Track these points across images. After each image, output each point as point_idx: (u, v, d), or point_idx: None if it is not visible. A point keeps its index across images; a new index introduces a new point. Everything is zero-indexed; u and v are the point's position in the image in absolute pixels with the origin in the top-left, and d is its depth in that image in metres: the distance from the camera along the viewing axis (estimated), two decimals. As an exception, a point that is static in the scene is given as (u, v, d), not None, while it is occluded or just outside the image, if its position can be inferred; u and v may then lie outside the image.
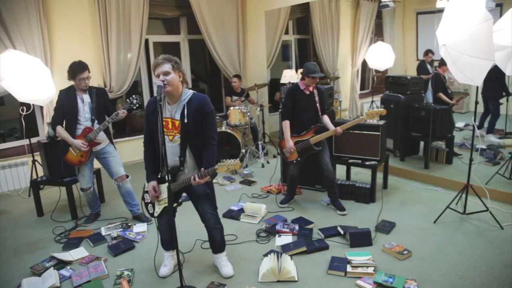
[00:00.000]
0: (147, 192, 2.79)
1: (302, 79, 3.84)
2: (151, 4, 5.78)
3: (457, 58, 3.22)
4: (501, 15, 3.95)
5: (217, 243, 2.94)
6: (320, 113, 3.91)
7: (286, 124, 3.89)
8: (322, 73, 3.81)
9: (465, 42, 3.10)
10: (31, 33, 4.82)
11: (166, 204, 2.68)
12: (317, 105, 3.88)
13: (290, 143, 3.85)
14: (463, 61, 3.17)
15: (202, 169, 2.52)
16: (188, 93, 2.62)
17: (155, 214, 2.78)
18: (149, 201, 2.79)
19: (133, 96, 3.67)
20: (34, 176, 4.58)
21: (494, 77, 4.14)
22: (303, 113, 3.87)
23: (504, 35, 3.61)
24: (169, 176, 2.48)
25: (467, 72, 3.22)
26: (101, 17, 5.32)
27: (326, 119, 3.94)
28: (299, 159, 3.93)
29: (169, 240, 2.96)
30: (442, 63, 5.34)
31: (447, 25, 3.27)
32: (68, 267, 3.09)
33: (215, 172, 2.53)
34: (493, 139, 5.64)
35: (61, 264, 3.12)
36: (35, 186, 4.19)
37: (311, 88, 3.87)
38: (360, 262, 2.91)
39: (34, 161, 4.73)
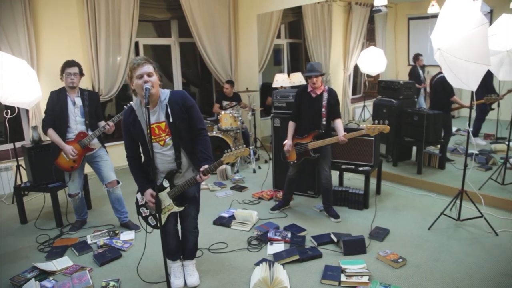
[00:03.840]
0: (143, 205, 2.66)
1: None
2: (141, 6, 5.67)
3: (452, 62, 3.17)
4: (491, 20, 3.95)
5: (190, 249, 2.85)
6: (324, 118, 3.71)
7: (290, 124, 3.90)
8: (318, 72, 3.62)
9: (461, 46, 3.06)
10: (16, 34, 4.68)
11: (172, 210, 2.61)
12: (323, 109, 3.70)
13: (288, 141, 3.84)
14: (458, 66, 3.13)
15: (206, 166, 2.42)
16: (165, 92, 2.50)
17: (160, 225, 2.65)
18: (148, 213, 2.66)
19: (128, 105, 3.54)
20: (19, 182, 4.43)
21: (482, 81, 4.12)
22: (305, 116, 3.81)
23: (498, 40, 3.60)
24: (167, 182, 2.47)
25: (461, 77, 3.18)
26: (89, 19, 5.19)
27: (337, 123, 3.70)
28: (295, 161, 3.87)
29: (176, 249, 2.84)
30: None
31: (442, 29, 3.23)
32: (51, 278, 2.94)
33: (221, 164, 2.47)
34: (480, 142, 5.60)
35: (43, 275, 2.98)
36: (19, 192, 4.03)
37: (318, 91, 3.73)
38: (355, 271, 2.83)
39: (18, 166, 4.57)
